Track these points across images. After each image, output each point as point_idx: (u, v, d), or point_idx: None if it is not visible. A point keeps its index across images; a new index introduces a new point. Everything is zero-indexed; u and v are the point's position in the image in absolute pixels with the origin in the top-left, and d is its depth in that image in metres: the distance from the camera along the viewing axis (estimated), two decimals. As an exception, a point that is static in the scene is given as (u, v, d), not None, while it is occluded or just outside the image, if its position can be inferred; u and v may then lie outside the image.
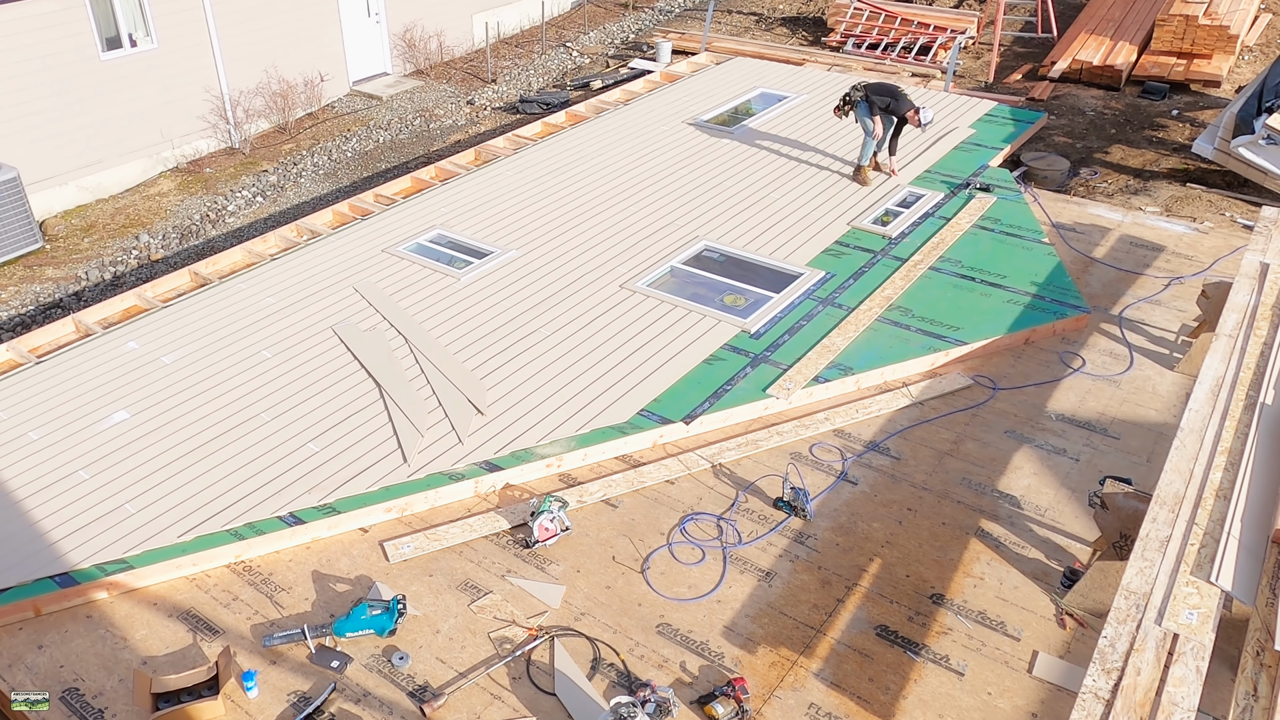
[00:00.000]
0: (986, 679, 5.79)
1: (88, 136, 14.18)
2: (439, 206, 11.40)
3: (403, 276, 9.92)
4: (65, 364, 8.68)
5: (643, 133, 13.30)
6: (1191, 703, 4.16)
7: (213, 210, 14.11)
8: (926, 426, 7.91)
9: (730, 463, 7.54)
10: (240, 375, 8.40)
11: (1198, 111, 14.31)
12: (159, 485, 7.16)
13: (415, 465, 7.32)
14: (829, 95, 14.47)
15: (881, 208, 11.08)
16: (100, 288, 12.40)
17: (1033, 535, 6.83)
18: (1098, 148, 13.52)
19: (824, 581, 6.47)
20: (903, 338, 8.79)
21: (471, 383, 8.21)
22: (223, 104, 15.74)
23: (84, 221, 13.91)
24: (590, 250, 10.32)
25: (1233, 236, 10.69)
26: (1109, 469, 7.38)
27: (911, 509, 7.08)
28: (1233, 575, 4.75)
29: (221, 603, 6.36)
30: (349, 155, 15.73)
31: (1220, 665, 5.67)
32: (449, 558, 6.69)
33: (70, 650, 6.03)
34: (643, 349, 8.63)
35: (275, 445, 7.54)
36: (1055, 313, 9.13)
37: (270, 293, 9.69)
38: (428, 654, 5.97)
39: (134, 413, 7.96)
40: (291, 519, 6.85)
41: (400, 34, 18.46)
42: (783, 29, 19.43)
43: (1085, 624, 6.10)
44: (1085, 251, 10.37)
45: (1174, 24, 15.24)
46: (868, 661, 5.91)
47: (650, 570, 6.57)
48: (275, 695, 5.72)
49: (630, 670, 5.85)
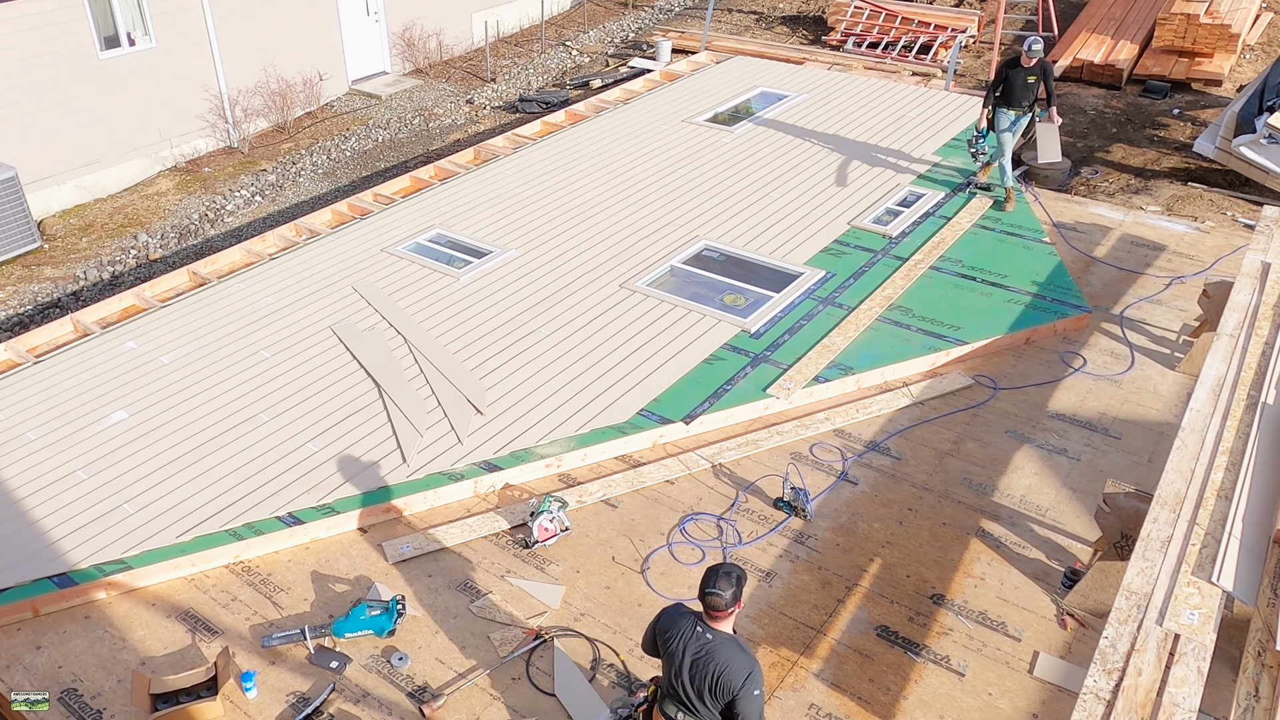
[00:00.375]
0: (987, 679, 5.80)
1: (86, 135, 14.19)
2: (438, 206, 11.40)
3: (402, 276, 9.93)
4: (63, 364, 8.68)
5: (642, 132, 13.31)
6: (1193, 703, 4.17)
7: (211, 210, 14.11)
8: (927, 426, 7.92)
9: (730, 463, 7.55)
10: (239, 375, 8.41)
11: (1199, 110, 14.32)
12: (158, 485, 7.16)
13: (414, 465, 7.33)
14: (829, 94, 14.48)
15: (882, 207, 11.09)
16: (98, 287, 12.40)
17: (1034, 535, 6.84)
18: (1099, 147, 13.52)
19: (824, 582, 6.48)
20: (903, 337, 8.80)
21: (471, 383, 8.22)
22: (221, 103, 15.74)
23: (82, 221, 13.91)
24: (590, 250, 10.33)
25: (1234, 236, 10.70)
26: (1110, 469, 7.39)
27: (912, 509, 7.09)
28: (1234, 575, 4.76)
29: (220, 603, 6.36)
30: (348, 154, 15.74)
31: (1221, 666, 5.68)
32: (448, 558, 6.69)
33: (68, 651, 6.04)
34: (642, 349, 8.64)
35: (274, 445, 7.55)
36: (1056, 312, 9.13)
37: (269, 292, 9.69)
38: (427, 654, 5.98)
39: (132, 413, 7.97)
40: (290, 519, 6.86)
41: (399, 33, 18.46)
42: (783, 28, 19.44)
43: (1086, 624, 6.11)
44: (1086, 251, 10.37)
45: (1175, 23, 15.24)
46: (868, 662, 5.92)
47: (650, 571, 6.58)
48: (274, 696, 5.72)
49: (630, 671, 5.86)
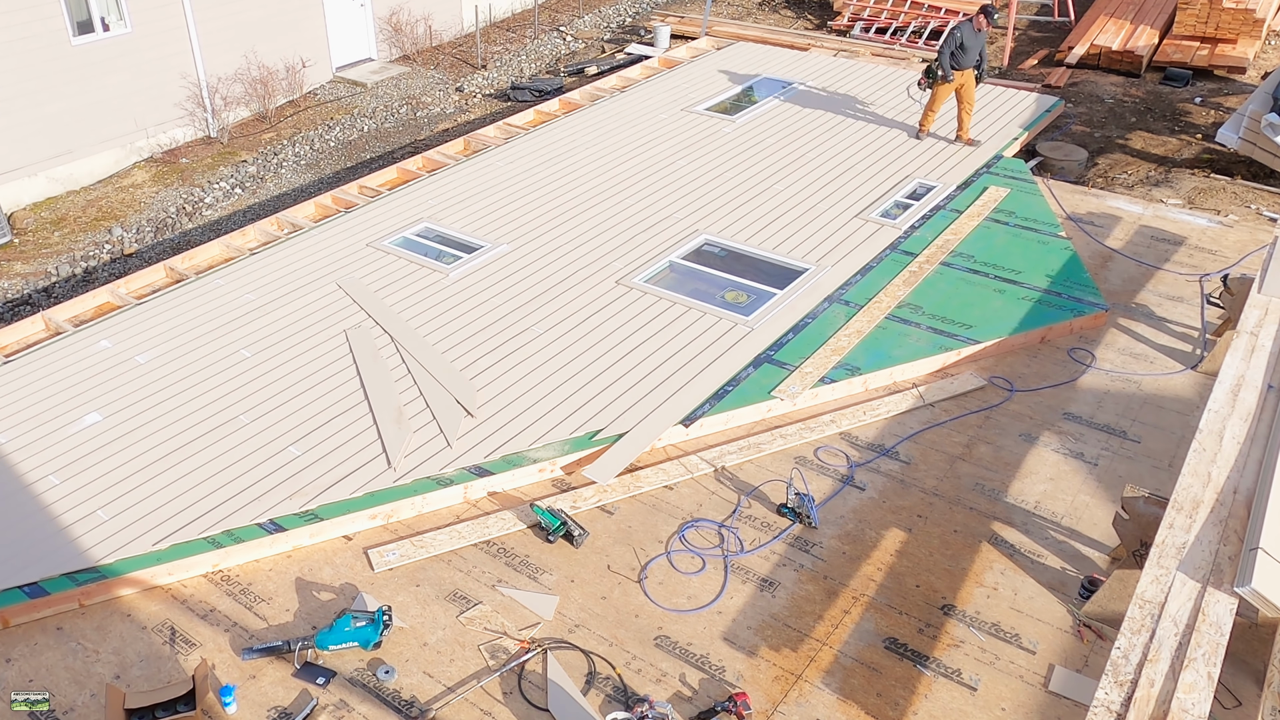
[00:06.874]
0: (1000, 694, 5.81)
1: (58, 125, 14.18)
2: (426, 199, 11.41)
3: (388, 272, 9.93)
4: (34, 364, 8.68)
5: (640, 121, 13.32)
6: (1202, 710, 4.18)
7: (189, 202, 14.11)
8: (937, 429, 7.93)
9: (732, 467, 7.56)
10: (218, 375, 8.41)
11: (1222, 98, 14.35)
12: (133, 491, 7.16)
13: (401, 470, 7.33)
14: (835, 82, 14.50)
15: (891, 200, 11.10)
16: (71, 283, 12.40)
17: (1049, 543, 6.85)
18: (1117, 136, 13.55)
19: (830, 592, 6.49)
20: (913, 336, 8.81)
21: (460, 383, 8.22)
22: (200, 91, 15.74)
23: (54, 214, 13.91)
24: (585, 245, 10.34)
25: (1258, 230, 10.72)
26: (1129, 474, 7.40)
27: (922, 515, 7.10)
28: (1253, 581, 4.77)
29: (199, 614, 6.37)
30: (332, 145, 15.74)
31: (1245, 680, 5.70)
32: (437, 566, 6.70)
33: (40, 664, 6.04)
34: (640, 347, 8.65)
35: (255, 449, 7.55)
36: (1073, 310, 9.15)
37: (249, 289, 9.69)
38: (415, 667, 5.98)
39: (107, 415, 7.97)
40: (272, 526, 6.86)
41: (386, 18, 18.46)
42: (787, 12, 19.46)
43: (1104, 636, 6.12)
44: (1104, 245, 10.39)
45: (1197, 7, 15.27)
46: (876, 675, 5.93)
47: (648, 580, 6.59)
48: (255, 711, 5.73)
49: (627, 685, 5.87)
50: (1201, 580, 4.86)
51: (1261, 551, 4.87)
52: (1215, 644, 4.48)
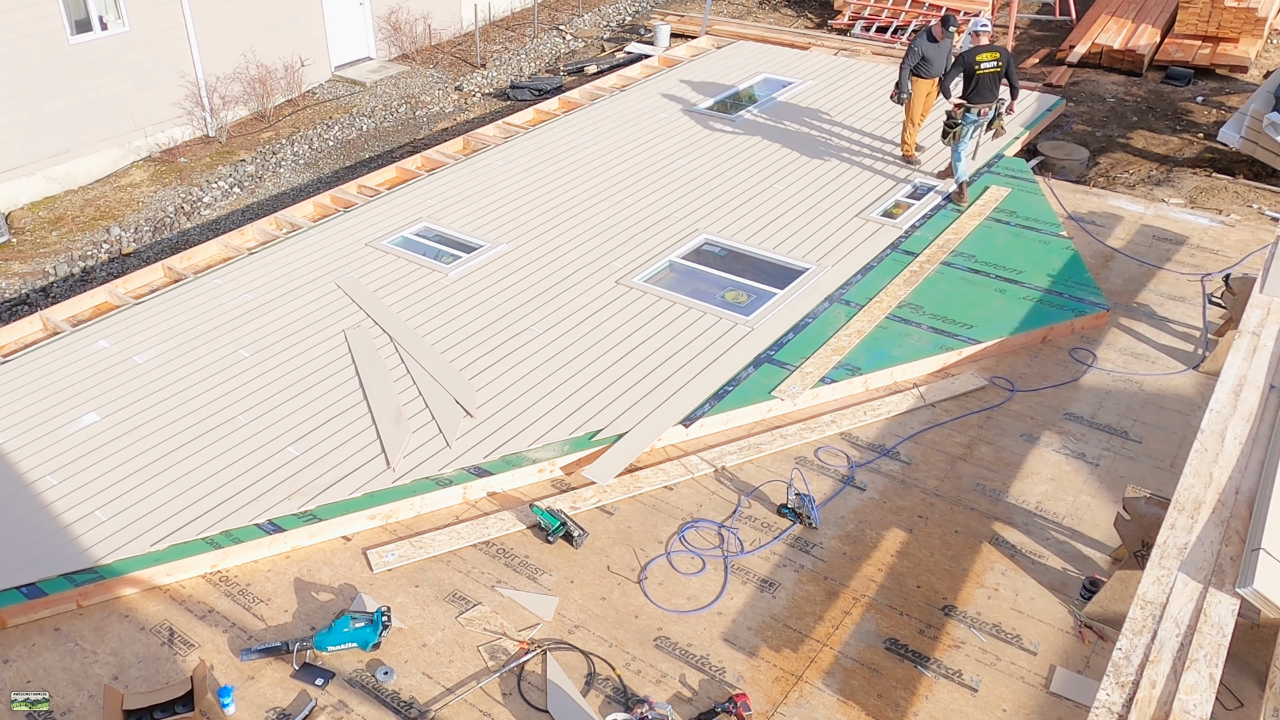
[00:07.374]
0: (1001, 695, 5.81)
1: (56, 124, 14.18)
2: (425, 198, 11.41)
3: (387, 272, 9.94)
4: (32, 364, 8.68)
5: (640, 121, 13.32)
6: (1204, 711, 4.19)
7: (187, 202, 14.11)
8: (938, 429, 7.93)
9: (732, 467, 7.56)
10: (216, 375, 8.41)
11: (1224, 97, 14.35)
12: (131, 491, 7.16)
13: (400, 470, 7.34)
14: (835, 81, 14.50)
15: (891, 199, 11.11)
16: (69, 283, 12.40)
17: (1051, 543, 6.85)
18: (1118, 135, 13.55)
19: (830, 592, 6.49)
20: (913, 336, 8.81)
21: (460, 383, 8.23)
22: (198, 90, 15.74)
23: (52, 214, 13.91)
24: (585, 244, 10.34)
25: (1260, 229, 10.72)
26: (1130, 474, 7.41)
27: (922, 516, 7.11)
28: (1254, 582, 4.77)
29: (197, 615, 6.37)
30: (331, 144, 15.74)
31: (1248, 680, 5.70)
32: (436, 567, 6.70)
33: (37, 665, 6.04)
34: (640, 347, 8.65)
35: (253, 449, 7.55)
36: (1074, 310, 9.15)
37: (248, 289, 9.70)
38: (414, 669, 5.99)
39: (104, 415, 7.97)
40: (270, 526, 6.86)
41: (385, 16, 18.47)
42: (788, 11, 19.46)
43: (1105, 637, 6.12)
44: (1105, 245, 10.39)
45: (1199, 6, 15.27)
46: (876, 676, 5.93)
47: (648, 580, 6.59)
48: (254, 712, 5.73)
49: (627, 686, 5.87)
50: (1203, 581, 4.86)
51: (1263, 552, 4.87)
52: (1217, 645, 4.49)
